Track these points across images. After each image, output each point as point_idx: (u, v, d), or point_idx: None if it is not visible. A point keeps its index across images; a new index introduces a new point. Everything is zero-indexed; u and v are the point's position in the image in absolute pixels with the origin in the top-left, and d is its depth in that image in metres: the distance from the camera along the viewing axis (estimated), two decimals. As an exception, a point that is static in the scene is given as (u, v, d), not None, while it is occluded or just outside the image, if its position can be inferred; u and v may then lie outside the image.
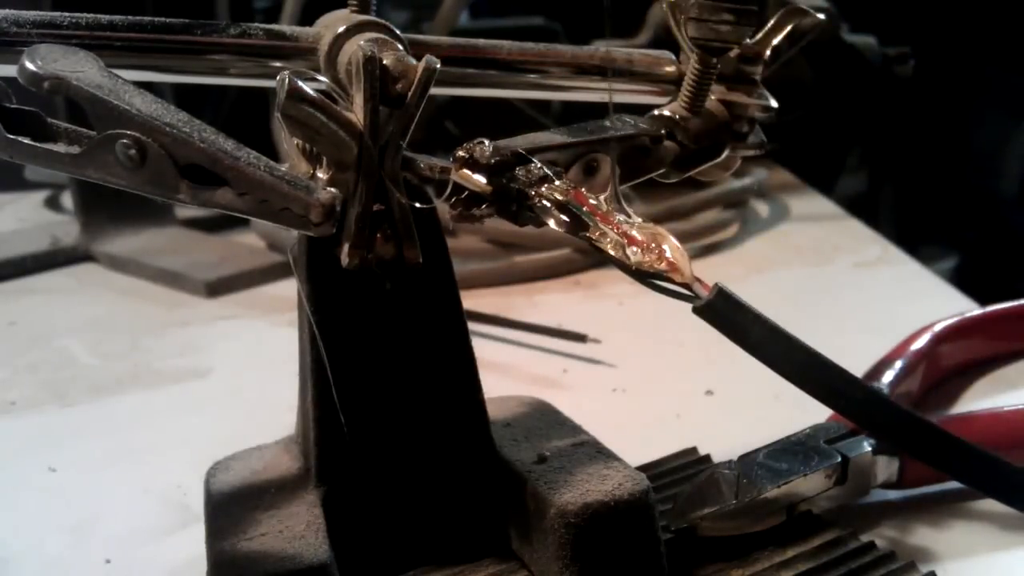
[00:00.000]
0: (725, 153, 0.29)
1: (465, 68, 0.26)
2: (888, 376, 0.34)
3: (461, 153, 0.23)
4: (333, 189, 0.21)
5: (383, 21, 0.24)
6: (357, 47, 0.22)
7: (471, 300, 0.52)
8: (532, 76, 0.27)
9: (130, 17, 0.21)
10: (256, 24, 0.23)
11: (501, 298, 0.55)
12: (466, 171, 0.23)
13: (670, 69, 0.29)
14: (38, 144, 0.20)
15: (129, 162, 0.20)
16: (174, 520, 0.31)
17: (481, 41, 0.26)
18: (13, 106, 0.20)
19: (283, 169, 0.21)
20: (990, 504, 0.29)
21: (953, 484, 0.30)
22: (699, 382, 0.41)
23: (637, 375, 0.43)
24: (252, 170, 0.20)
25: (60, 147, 0.20)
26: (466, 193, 0.23)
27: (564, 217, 0.22)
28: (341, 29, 0.23)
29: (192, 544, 0.27)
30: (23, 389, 0.44)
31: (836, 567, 0.26)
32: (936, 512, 0.30)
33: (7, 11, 0.20)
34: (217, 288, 0.57)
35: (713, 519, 0.27)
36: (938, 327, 0.38)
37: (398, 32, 0.24)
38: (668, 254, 0.21)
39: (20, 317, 0.55)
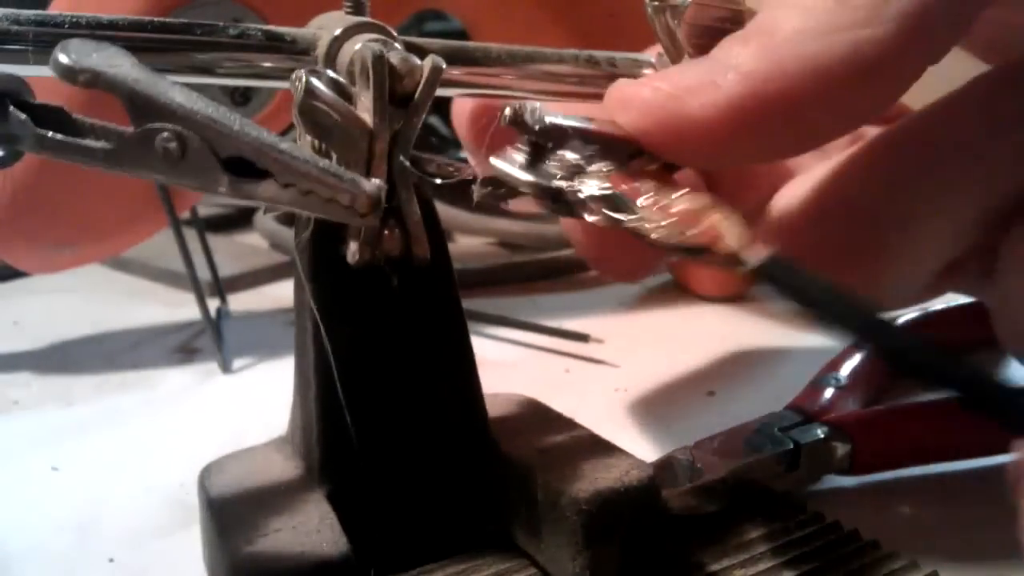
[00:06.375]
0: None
1: (454, 69, 0.26)
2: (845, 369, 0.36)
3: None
4: (378, 181, 0.21)
5: (379, 22, 0.24)
6: (362, 47, 0.22)
7: (473, 300, 0.52)
8: (520, 78, 0.27)
9: (130, 16, 0.21)
10: (254, 25, 0.23)
11: (503, 298, 0.55)
12: (505, 167, 0.23)
13: (649, 72, 0.29)
14: (70, 139, 0.19)
15: (169, 156, 0.19)
16: (177, 519, 0.31)
17: (471, 44, 0.26)
18: (38, 102, 0.20)
19: (326, 162, 0.21)
20: (993, 504, 0.28)
21: (938, 470, 0.30)
22: (701, 383, 0.41)
23: (639, 375, 0.43)
24: (298, 162, 0.20)
25: (92, 142, 0.20)
26: (504, 189, 0.23)
27: (602, 209, 0.22)
28: (339, 31, 0.23)
29: (196, 543, 0.27)
30: (26, 388, 0.44)
31: (838, 566, 0.26)
32: (938, 511, 0.30)
33: (6, 10, 0.20)
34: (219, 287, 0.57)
35: (671, 499, 0.28)
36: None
37: (394, 33, 0.24)
38: (711, 226, 0.21)
39: (23, 316, 0.55)
